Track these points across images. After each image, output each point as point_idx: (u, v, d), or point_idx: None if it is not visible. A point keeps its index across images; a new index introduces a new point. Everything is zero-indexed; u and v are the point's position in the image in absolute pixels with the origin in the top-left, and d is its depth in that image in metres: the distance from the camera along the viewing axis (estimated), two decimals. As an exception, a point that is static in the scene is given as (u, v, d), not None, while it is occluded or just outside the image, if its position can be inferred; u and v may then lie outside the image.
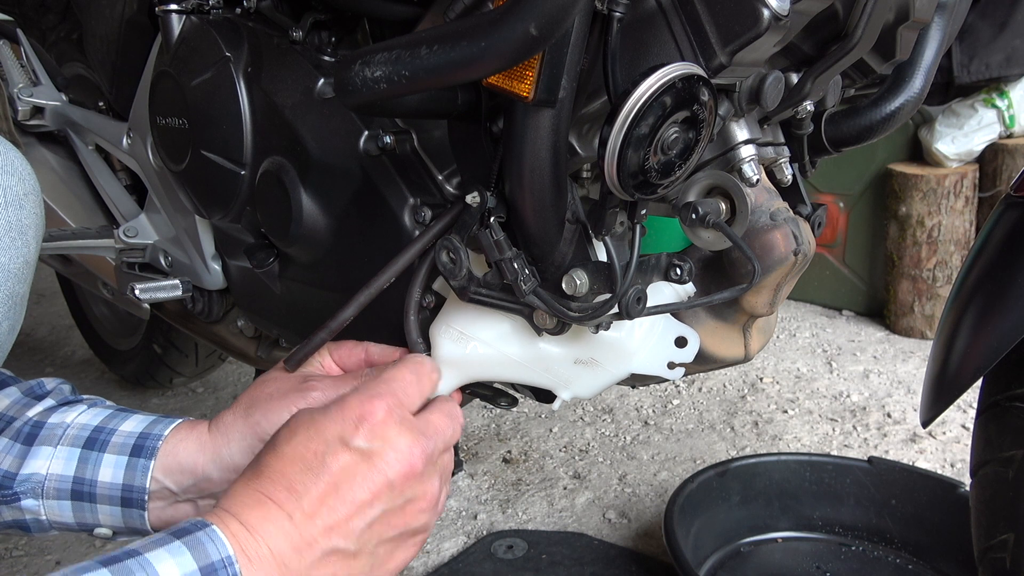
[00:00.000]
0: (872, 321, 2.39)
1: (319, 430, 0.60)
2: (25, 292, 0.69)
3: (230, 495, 0.59)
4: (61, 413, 0.75)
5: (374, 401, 0.62)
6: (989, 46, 2.00)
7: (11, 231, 0.66)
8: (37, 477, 0.71)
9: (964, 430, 1.74)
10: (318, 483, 0.58)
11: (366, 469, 0.60)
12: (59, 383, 0.80)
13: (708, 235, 0.69)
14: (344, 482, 0.59)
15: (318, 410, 0.62)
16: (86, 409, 0.76)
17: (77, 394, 0.81)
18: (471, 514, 1.50)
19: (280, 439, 0.61)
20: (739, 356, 0.84)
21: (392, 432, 0.61)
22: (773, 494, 1.37)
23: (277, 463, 0.59)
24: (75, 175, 1.46)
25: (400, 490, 0.61)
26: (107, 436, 0.73)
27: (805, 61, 0.70)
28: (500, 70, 0.59)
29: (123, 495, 0.72)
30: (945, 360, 0.78)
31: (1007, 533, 0.75)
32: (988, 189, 2.17)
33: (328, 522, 0.58)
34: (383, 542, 0.62)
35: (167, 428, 0.74)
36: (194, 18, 0.97)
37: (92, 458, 0.72)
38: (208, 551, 0.53)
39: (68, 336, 2.40)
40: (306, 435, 0.60)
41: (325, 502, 0.58)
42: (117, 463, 0.72)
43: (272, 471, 0.59)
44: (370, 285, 0.75)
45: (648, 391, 1.96)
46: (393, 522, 0.62)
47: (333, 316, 0.75)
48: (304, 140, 0.85)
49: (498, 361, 0.77)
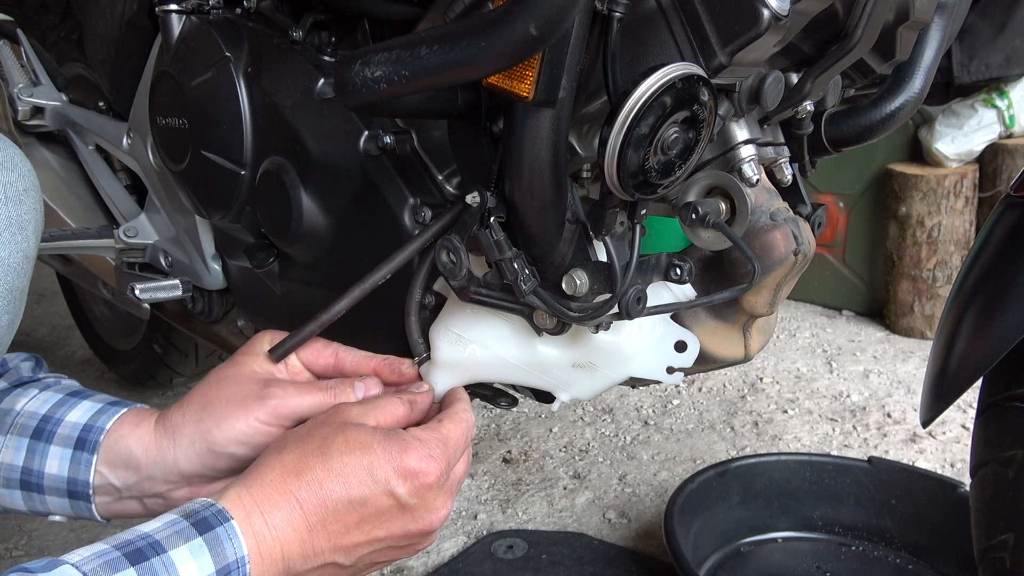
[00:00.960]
0: (872, 321, 2.39)
1: (372, 464, 0.62)
2: (25, 287, 0.69)
3: (263, 481, 0.60)
4: (13, 398, 0.74)
5: (432, 464, 0.64)
6: (989, 46, 2.00)
7: (11, 226, 0.66)
8: None
9: (964, 430, 1.74)
10: (349, 511, 0.61)
11: (395, 516, 0.63)
12: (21, 360, 0.79)
13: (708, 235, 0.69)
14: (371, 519, 0.62)
15: (380, 437, 0.64)
16: (37, 394, 0.75)
17: (41, 371, 0.80)
18: (471, 514, 1.50)
19: (334, 448, 0.62)
20: (739, 356, 0.84)
21: (431, 496, 0.65)
22: (773, 494, 1.37)
23: (320, 472, 0.61)
24: (75, 175, 1.46)
25: (411, 538, 0.65)
26: (53, 427, 0.73)
27: (805, 61, 0.70)
28: (500, 70, 0.59)
29: (69, 488, 0.72)
30: (945, 360, 0.78)
31: (1007, 533, 0.75)
32: (988, 189, 2.17)
33: (340, 542, 0.61)
34: (374, 563, 0.66)
35: (110, 420, 0.73)
36: (194, 18, 0.97)
37: (39, 449, 0.72)
38: (226, 551, 0.55)
39: (68, 336, 2.40)
40: (359, 461, 0.62)
41: (347, 527, 0.61)
42: (62, 455, 0.72)
43: (313, 478, 0.61)
44: (365, 280, 0.75)
45: (648, 391, 1.96)
46: (390, 554, 0.66)
47: (324, 309, 0.75)
48: (304, 140, 0.85)
49: (496, 364, 0.77)
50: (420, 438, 0.65)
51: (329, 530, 0.60)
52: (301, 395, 0.73)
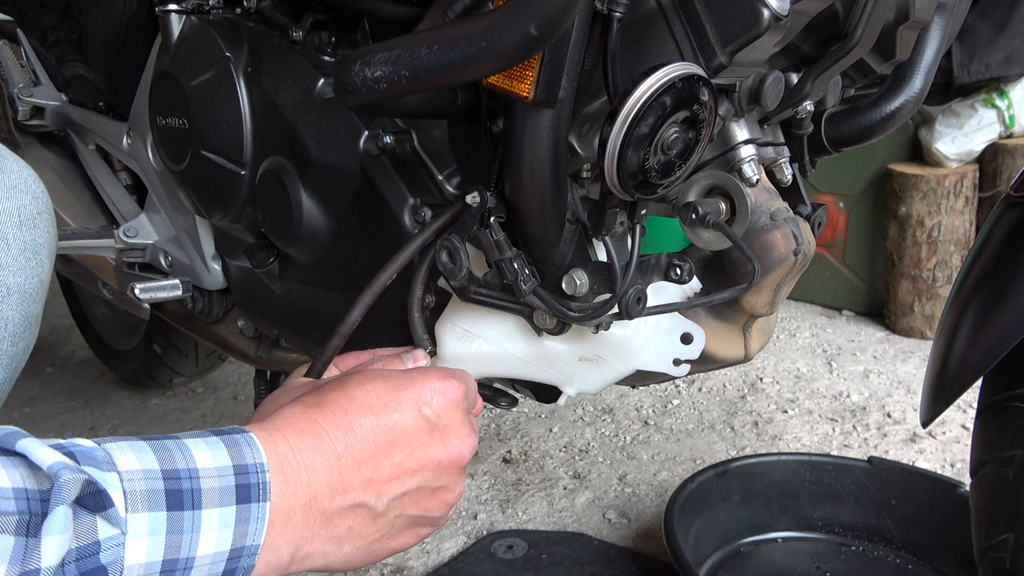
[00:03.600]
0: (872, 321, 2.39)
1: (396, 387, 0.60)
2: (39, 311, 0.68)
3: (284, 415, 0.58)
4: None
5: (453, 381, 0.63)
6: (989, 46, 2.00)
7: (26, 251, 0.64)
8: None
9: (964, 430, 1.74)
10: (378, 435, 0.58)
11: (426, 440, 0.61)
12: None
13: (708, 235, 0.69)
14: (401, 443, 0.59)
15: (396, 371, 0.63)
16: None
17: None
18: (471, 514, 1.50)
19: (352, 382, 0.61)
20: (739, 356, 0.84)
21: (459, 417, 0.63)
22: (773, 494, 1.36)
23: (343, 400, 0.59)
24: (75, 175, 1.46)
25: (441, 474, 0.62)
26: None
27: (805, 61, 0.70)
28: (500, 70, 0.60)
29: None
30: (945, 360, 0.78)
31: (1007, 533, 0.75)
32: (988, 189, 2.17)
33: (371, 476, 0.58)
34: (403, 516, 0.62)
35: None
36: (194, 18, 0.97)
37: None
38: (243, 452, 0.52)
39: (68, 336, 2.40)
40: (381, 387, 0.60)
41: (376, 455, 0.58)
42: None
43: (336, 407, 0.58)
44: (373, 284, 0.75)
45: (648, 391, 1.96)
46: (421, 502, 0.62)
47: (341, 321, 0.75)
48: (304, 140, 0.85)
49: (503, 358, 0.77)
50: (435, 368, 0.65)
51: (358, 459, 0.57)
52: None
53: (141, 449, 0.49)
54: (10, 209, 0.64)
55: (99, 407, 1.96)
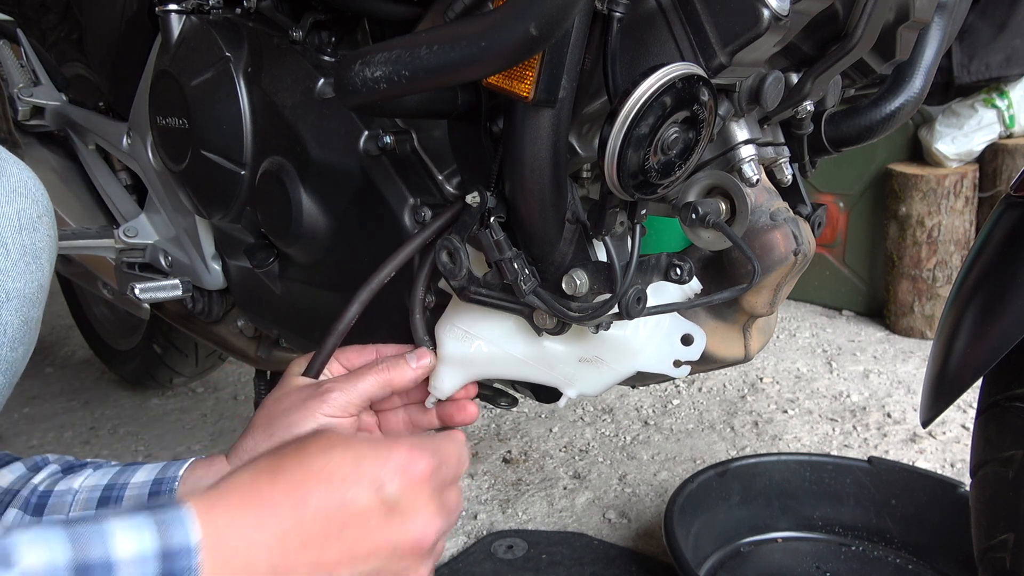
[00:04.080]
0: (872, 321, 2.39)
1: (357, 459, 0.55)
2: (39, 316, 0.67)
3: (232, 483, 0.52)
4: (68, 480, 0.71)
5: (423, 455, 0.57)
6: (989, 46, 2.00)
7: (26, 255, 0.64)
8: None
9: (964, 430, 1.74)
10: (330, 512, 0.53)
11: (382, 523, 0.55)
12: (61, 457, 0.77)
13: (708, 235, 0.69)
14: (354, 526, 0.54)
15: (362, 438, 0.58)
16: (92, 472, 0.72)
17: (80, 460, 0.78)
18: (471, 514, 1.50)
19: (313, 447, 0.55)
20: (739, 356, 0.84)
21: (424, 496, 0.57)
22: (773, 494, 1.36)
23: (299, 470, 0.54)
24: (75, 175, 1.46)
25: (400, 559, 0.57)
26: (120, 491, 0.70)
27: (805, 61, 0.70)
28: (500, 70, 0.60)
29: None
30: (945, 360, 0.78)
31: (1007, 533, 0.75)
32: (988, 189, 2.17)
33: (317, 559, 0.52)
34: None
35: (180, 468, 0.71)
36: (194, 18, 0.97)
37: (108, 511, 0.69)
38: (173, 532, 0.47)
39: (68, 336, 2.40)
40: (342, 457, 0.55)
41: (327, 535, 0.53)
42: None
43: (290, 476, 0.53)
44: (371, 282, 0.75)
45: (648, 391, 1.96)
46: None
47: (338, 319, 0.75)
48: (304, 140, 0.85)
49: (502, 360, 0.77)
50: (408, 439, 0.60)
51: (305, 538, 0.51)
52: (356, 381, 0.72)
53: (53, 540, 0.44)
54: (9, 213, 0.63)
55: (99, 407, 1.96)
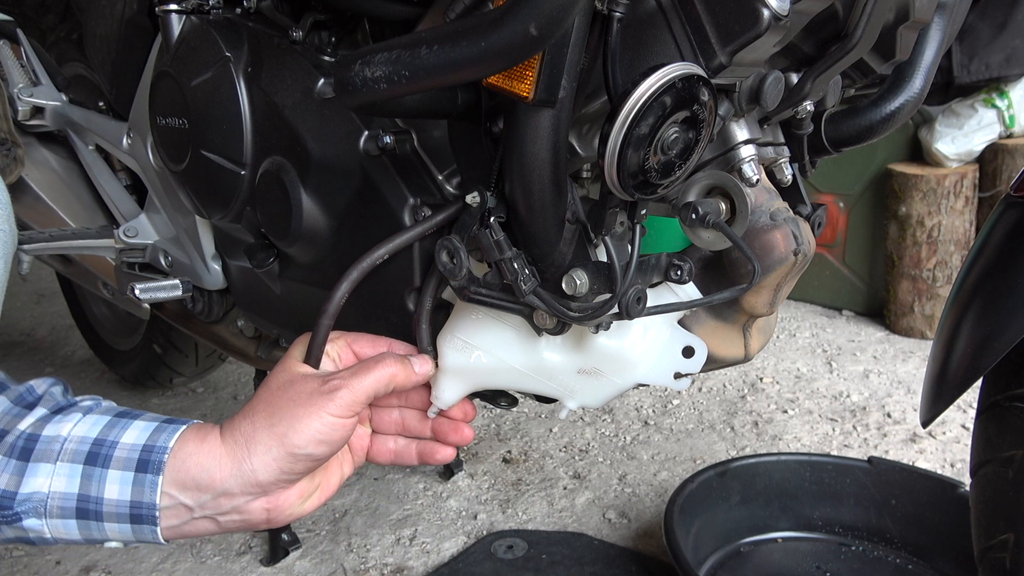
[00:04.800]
0: (872, 321, 2.39)
1: None
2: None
3: None
4: (56, 424, 0.70)
5: None
6: (989, 46, 2.00)
7: None
8: (38, 496, 0.67)
9: (964, 430, 1.74)
10: None
11: None
12: (50, 385, 0.76)
13: (708, 235, 0.69)
14: None
15: None
16: (82, 417, 0.71)
17: (69, 395, 0.76)
18: (471, 514, 1.50)
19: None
20: (739, 356, 0.84)
21: None
22: (773, 494, 1.36)
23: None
24: (75, 175, 1.46)
25: None
26: (109, 450, 0.69)
27: (805, 61, 0.70)
28: (500, 70, 0.59)
29: (132, 512, 0.69)
30: (945, 360, 0.78)
31: (1007, 533, 0.75)
32: (988, 189, 2.17)
33: None
34: None
35: (171, 438, 0.70)
36: (194, 18, 0.97)
37: (96, 475, 0.68)
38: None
39: (68, 336, 2.40)
40: None
41: None
42: (123, 479, 0.68)
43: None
44: (361, 261, 0.74)
45: (648, 391, 1.96)
46: None
47: (328, 299, 0.74)
48: (304, 140, 0.85)
49: (503, 370, 0.77)
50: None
51: None
52: (362, 378, 0.71)
53: None
54: None
55: (99, 407, 1.96)
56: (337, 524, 1.48)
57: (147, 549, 1.41)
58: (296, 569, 1.36)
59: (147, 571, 1.37)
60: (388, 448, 0.81)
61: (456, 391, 0.78)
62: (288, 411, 0.69)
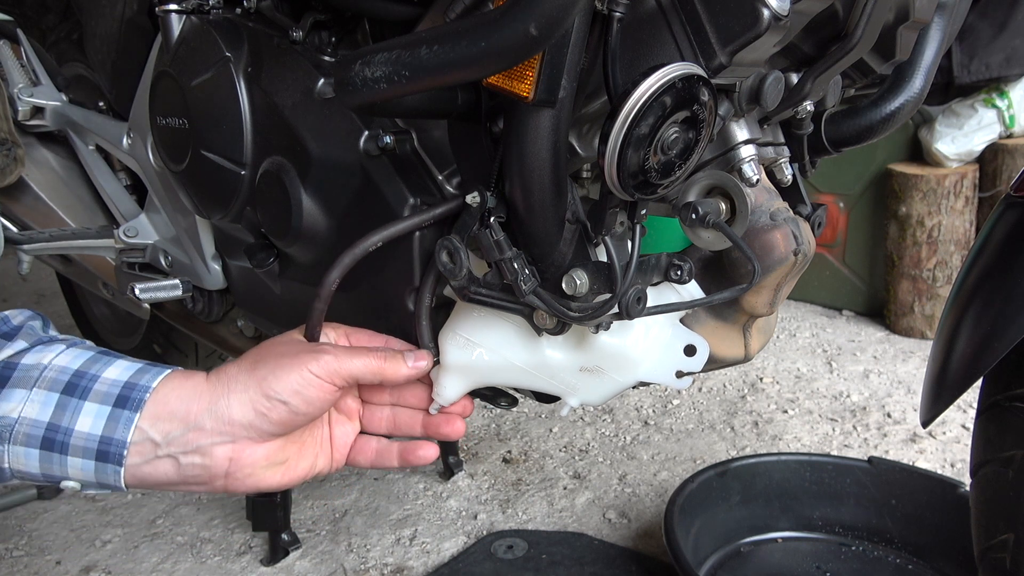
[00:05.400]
0: (872, 321, 2.39)
1: None
2: None
3: None
4: (36, 353, 0.68)
5: None
6: (989, 46, 2.00)
7: None
8: (7, 420, 0.65)
9: (964, 430, 1.74)
10: None
11: None
12: (28, 317, 0.73)
13: (708, 235, 0.69)
14: None
15: None
16: (65, 349, 0.69)
17: (51, 329, 0.75)
18: (471, 514, 1.50)
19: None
20: (739, 356, 0.84)
21: None
22: (773, 494, 1.36)
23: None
24: (75, 175, 1.46)
25: None
26: (89, 382, 0.67)
27: (805, 61, 0.70)
28: (500, 70, 0.60)
29: (100, 448, 0.67)
30: (945, 360, 0.78)
31: (1007, 533, 0.75)
32: (988, 189, 2.17)
33: None
34: None
35: (156, 379, 0.69)
36: (194, 18, 0.97)
37: (71, 405, 0.66)
38: None
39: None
40: None
41: None
42: (99, 412, 0.67)
43: None
44: (355, 247, 0.74)
45: (648, 391, 1.96)
46: None
47: (320, 284, 0.74)
48: (304, 140, 0.85)
49: (505, 368, 0.77)
50: None
51: None
52: (352, 357, 0.72)
53: None
54: None
55: (99, 407, 1.96)
56: (337, 524, 1.48)
57: (147, 549, 1.41)
58: (296, 569, 1.36)
59: (147, 571, 1.37)
60: (370, 447, 0.81)
61: (457, 388, 0.78)
62: (273, 360, 0.71)
